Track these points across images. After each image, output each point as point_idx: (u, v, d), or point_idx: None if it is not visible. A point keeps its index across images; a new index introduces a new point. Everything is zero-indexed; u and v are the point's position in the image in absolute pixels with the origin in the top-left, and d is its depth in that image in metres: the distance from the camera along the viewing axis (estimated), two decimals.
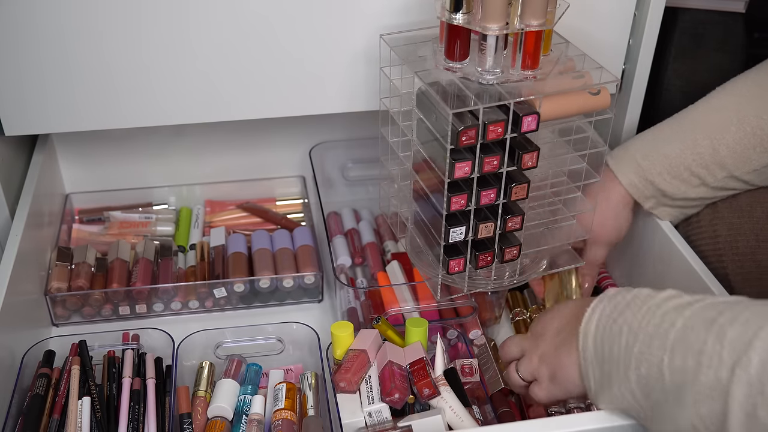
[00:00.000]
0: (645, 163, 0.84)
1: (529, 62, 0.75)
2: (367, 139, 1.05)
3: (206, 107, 0.92)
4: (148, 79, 0.88)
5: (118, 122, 0.91)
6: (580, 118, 0.83)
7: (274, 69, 0.90)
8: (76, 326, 0.93)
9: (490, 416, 0.78)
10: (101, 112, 0.90)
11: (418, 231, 0.87)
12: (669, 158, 0.83)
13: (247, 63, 0.89)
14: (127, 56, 0.87)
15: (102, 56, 0.86)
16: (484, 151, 0.74)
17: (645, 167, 0.84)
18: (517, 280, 0.86)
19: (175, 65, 0.88)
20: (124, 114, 0.91)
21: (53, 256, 0.97)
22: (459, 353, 0.86)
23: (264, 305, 0.97)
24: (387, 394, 0.74)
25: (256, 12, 0.86)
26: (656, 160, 0.84)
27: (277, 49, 0.89)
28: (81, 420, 0.77)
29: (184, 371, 0.85)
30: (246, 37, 0.87)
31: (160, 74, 0.88)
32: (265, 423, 0.79)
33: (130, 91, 0.89)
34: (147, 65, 0.87)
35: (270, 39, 0.88)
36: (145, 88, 0.89)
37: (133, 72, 0.88)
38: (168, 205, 1.12)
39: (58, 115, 0.90)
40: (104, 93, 0.89)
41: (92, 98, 0.89)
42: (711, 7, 1.04)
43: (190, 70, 0.88)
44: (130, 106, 0.90)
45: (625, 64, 0.98)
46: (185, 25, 0.85)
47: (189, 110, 0.92)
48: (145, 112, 0.91)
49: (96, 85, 0.88)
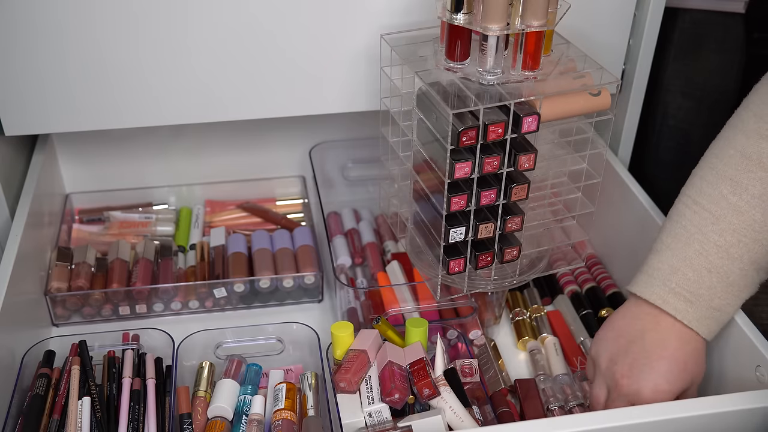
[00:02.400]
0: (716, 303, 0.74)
1: (529, 63, 0.75)
2: (367, 139, 1.05)
3: (206, 107, 0.92)
4: (148, 80, 0.88)
5: (118, 122, 0.91)
6: (581, 119, 0.83)
7: (274, 69, 0.90)
8: (76, 326, 0.93)
9: (490, 416, 0.78)
10: (101, 112, 0.90)
11: (418, 231, 0.87)
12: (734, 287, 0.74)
13: (247, 63, 0.89)
14: (127, 57, 0.87)
15: (102, 56, 0.86)
16: (484, 151, 0.74)
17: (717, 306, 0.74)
18: (517, 280, 0.86)
19: (175, 65, 0.88)
20: (123, 114, 0.91)
21: (53, 256, 0.97)
22: (459, 353, 0.86)
23: (264, 305, 0.97)
24: (387, 394, 0.74)
25: (256, 12, 0.86)
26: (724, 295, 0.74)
27: (277, 49, 0.89)
28: (81, 420, 0.76)
29: (184, 371, 0.85)
30: (246, 37, 0.87)
31: (161, 74, 0.88)
32: (265, 423, 0.79)
33: (130, 92, 0.89)
34: (147, 65, 0.87)
35: (270, 39, 0.88)
36: (145, 89, 0.89)
37: (133, 72, 0.88)
38: (168, 205, 1.12)
39: (58, 115, 0.90)
40: (104, 93, 0.89)
41: (92, 98, 0.89)
42: (711, 7, 1.04)
43: (190, 70, 0.88)
44: (130, 106, 0.90)
45: (625, 64, 0.98)
46: (185, 25, 0.85)
47: (189, 110, 0.92)
48: (145, 112, 0.91)
49: (96, 85, 0.88)
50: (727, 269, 0.72)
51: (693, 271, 0.72)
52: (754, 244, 0.72)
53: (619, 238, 0.97)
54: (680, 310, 0.72)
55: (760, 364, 0.73)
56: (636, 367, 0.72)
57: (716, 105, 1.06)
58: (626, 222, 0.95)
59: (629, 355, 0.73)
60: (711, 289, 0.72)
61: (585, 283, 0.98)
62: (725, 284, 0.72)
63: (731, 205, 0.72)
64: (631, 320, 0.75)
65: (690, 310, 0.72)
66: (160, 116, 0.92)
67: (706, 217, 0.73)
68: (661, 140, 1.10)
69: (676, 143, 1.09)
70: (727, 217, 0.72)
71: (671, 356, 0.71)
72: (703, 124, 1.07)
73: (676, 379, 0.71)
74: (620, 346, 0.74)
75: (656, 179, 1.09)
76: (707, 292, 0.72)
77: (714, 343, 0.79)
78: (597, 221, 0.89)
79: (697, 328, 0.72)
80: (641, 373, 0.71)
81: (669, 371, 0.71)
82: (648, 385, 0.70)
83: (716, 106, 1.06)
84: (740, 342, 0.75)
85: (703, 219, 0.73)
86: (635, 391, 0.71)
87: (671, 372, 0.71)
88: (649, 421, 0.67)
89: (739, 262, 0.72)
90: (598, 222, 0.89)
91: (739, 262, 0.72)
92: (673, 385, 0.71)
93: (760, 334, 0.75)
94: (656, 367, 0.71)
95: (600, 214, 0.88)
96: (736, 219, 0.72)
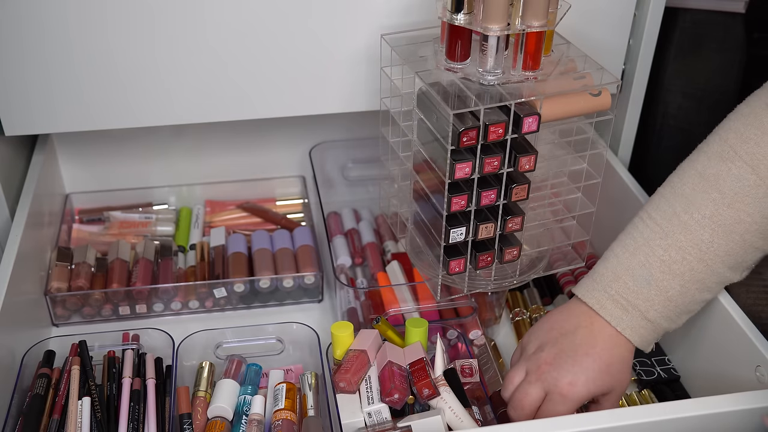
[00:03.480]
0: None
1: (530, 63, 0.75)
2: (367, 139, 1.05)
3: (206, 107, 0.92)
4: (148, 80, 0.88)
5: (119, 122, 0.91)
6: (581, 119, 0.83)
7: (274, 69, 0.90)
8: (76, 326, 0.93)
9: (490, 416, 0.78)
10: (101, 112, 0.90)
11: (418, 231, 0.87)
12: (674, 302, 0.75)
13: (247, 63, 0.89)
14: (128, 57, 0.87)
15: (102, 57, 0.86)
16: (484, 151, 0.74)
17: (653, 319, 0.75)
18: (517, 280, 0.86)
19: (175, 65, 0.88)
20: (124, 114, 0.91)
21: (53, 256, 0.97)
22: (459, 353, 0.86)
23: (264, 305, 0.97)
24: (387, 394, 0.74)
25: (257, 12, 0.86)
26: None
27: (278, 49, 0.89)
28: (81, 420, 0.76)
29: (184, 371, 0.85)
30: (246, 37, 0.87)
31: (161, 74, 0.88)
32: (265, 423, 0.79)
33: (130, 92, 0.89)
34: (147, 65, 0.87)
35: (270, 39, 0.88)
36: (145, 89, 0.89)
37: (133, 72, 0.88)
38: (168, 205, 1.12)
39: (58, 115, 0.90)
40: (104, 93, 0.89)
41: (92, 98, 0.89)
42: (711, 7, 1.04)
43: (190, 69, 0.88)
44: (130, 106, 0.90)
45: (625, 64, 0.98)
46: (185, 25, 0.85)
47: (189, 110, 0.92)
48: (146, 112, 0.91)
49: (96, 85, 0.88)
50: (666, 284, 0.73)
51: (633, 281, 0.73)
52: (698, 263, 0.73)
53: None
54: (615, 316, 0.73)
55: (760, 364, 0.73)
56: (561, 357, 0.72)
57: (716, 105, 1.06)
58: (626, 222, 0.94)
59: (557, 345, 0.73)
60: (648, 301, 0.73)
61: None
62: (663, 299, 0.73)
63: (681, 222, 0.73)
64: (567, 316, 0.76)
65: (624, 317, 0.73)
66: (161, 116, 0.92)
67: (657, 231, 0.74)
68: (661, 140, 1.10)
69: (676, 143, 1.09)
70: (675, 234, 0.73)
71: (597, 355, 0.72)
72: (703, 124, 1.07)
73: (596, 378, 0.71)
74: (551, 337, 0.75)
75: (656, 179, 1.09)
76: (644, 303, 0.73)
77: (714, 343, 0.80)
78: (597, 221, 0.89)
79: (630, 336, 0.73)
80: (564, 364, 0.72)
81: (590, 368, 0.71)
82: (566, 377, 0.71)
83: (716, 106, 1.06)
84: (740, 342, 0.75)
85: (653, 233, 0.74)
86: (553, 379, 0.71)
87: (592, 370, 0.71)
88: (650, 421, 0.67)
89: (680, 279, 0.73)
90: (598, 222, 0.89)
91: (680, 279, 0.73)
92: (591, 384, 0.71)
93: (760, 334, 0.75)
94: (580, 361, 0.72)
95: (600, 214, 0.88)
96: (684, 237, 0.73)
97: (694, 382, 0.84)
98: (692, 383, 0.84)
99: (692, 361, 0.84)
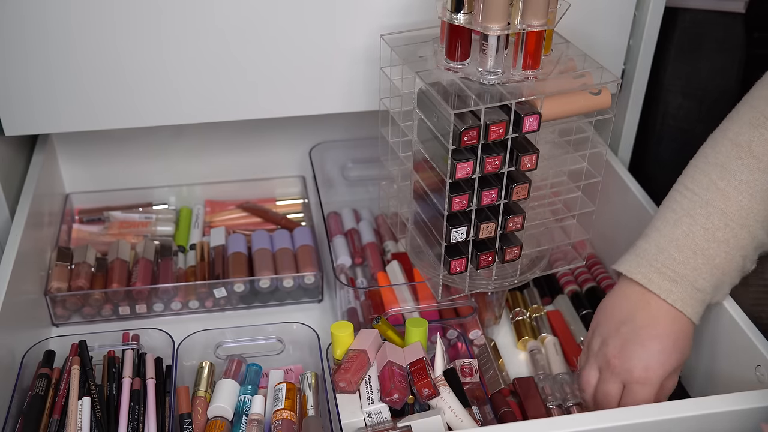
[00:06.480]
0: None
1: (530, 62, 0.75)
2: (367, 139, 1.05)
3: (206, 107, 0.92)
4: (149, 79, 0.88)
5: (119, 122, 0.91)
6: (581, 118, 0.83)
7: (274, 69, 0.90)
8: (76, 326, 0.93)
9: (490, 416, 0.78)
10: (101, 113, 0.90)
11: (419, 231, 0.87)
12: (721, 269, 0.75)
13: (247, 63, 0.89)
14: (127, 57, 0.87)
15: (102, 57, 0.86)
16: (485, 151, 0.74)
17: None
18: (518, 280, 0.86)
19: (176, 65, 0.88)
20: (124, 114, 0.91)
21: (53, 256, 0.97)
22: (459, 353, 0.86)
23: (264, 305, 0.97)
24: (386, 394, 0.74)
25: (257, 12, 0.86)
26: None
27: (277, 49, 0.89)
28: (81, 420, 0.76)
29: (184, 371, 0.85)
30: (246, 37, 0.87)
31: (162, 74, 0.88)
32: (265, 423, 0.79)
33: (130, 92, 0.89)
34: (148, 65, 0.87)
35: (270, 39, 0.88)
36: (146, 88, 0.89)
37: (133, 72, 0.88)
38: (168, 205, 1.12)
39: (58, 115, 0.90)
40: (104, 93, 0.89)
41: (92, 98, 0.89)
42: (711, 7, 1.04)
43: (190, 69, 0.88)
44: (130, 106, 0.90)
45: (625, 64, 0.98)
46: (187, 25, 0.85)
47: (189, 110, 0.92)
48: (146, 112, 0.91)
49: (96, 85, 0.88)
50: (712, 252, 0.73)
51: (679, 252, 0.73)
52: (740, 229, 0.73)
53: (619, 238, 0.97)
54: (664, 289, 0.73)
55: (760, 364, 0.73)
56: (627, 346, 0.72)
57: (717, 105, 1.06)
58: (626, 222, 0.95)
59: (620, 335, 0.73)
60: (696, 270, 0.73)
61: (585, 283, 0.98)
62: (710, 266, 0.73)
63: (719, 190, 0.73)
64: (620, 301, 0.75)
65: (674, 289, 0.73)
66: (161, 116, 0.92)
67: (696, 201, 0.74)
68: (661, 140, 1.10)
69: (676, 143, 1.09)
70: (716, 201, 0.73)
71: (662, 335, 0.72)
72: (703, 123, 1.07)
73: (668, 358, 0.72)
74: (611, 328, 0.74)
75: (656, 179, 1.09)
76: (692, 272, 0.73)
77: (714, 343, 0.80)
78: (597, 221, 0.89)
79: (682, 308, 0.73)
80: (633, 353, 0.72)
81: (660, 350, 0.71)
82: (639, 365, 0.71)
83: (717, 106, 1.06)
84: (740, 342, 0.75)
85: (692, 203, 0.74)
86: (627, 370, 0.71)
87: (663, 351, 0.71)
88: (649, 421, 0.67)
89: (725, 245, 0.73)
90: (598, 221, 0.89)
91: (725, 246, 0.73)
92: (664, 364, 0.71)
93: (760, 334, 0.75)
94: (648, 346, 0.72)
95: (600, 213, 0.88)
96: (724, 204, 0.73)
97: (694, 382, 0.84)
98: (692, 383, 0.84)
99: (692, 360, 0.84)
